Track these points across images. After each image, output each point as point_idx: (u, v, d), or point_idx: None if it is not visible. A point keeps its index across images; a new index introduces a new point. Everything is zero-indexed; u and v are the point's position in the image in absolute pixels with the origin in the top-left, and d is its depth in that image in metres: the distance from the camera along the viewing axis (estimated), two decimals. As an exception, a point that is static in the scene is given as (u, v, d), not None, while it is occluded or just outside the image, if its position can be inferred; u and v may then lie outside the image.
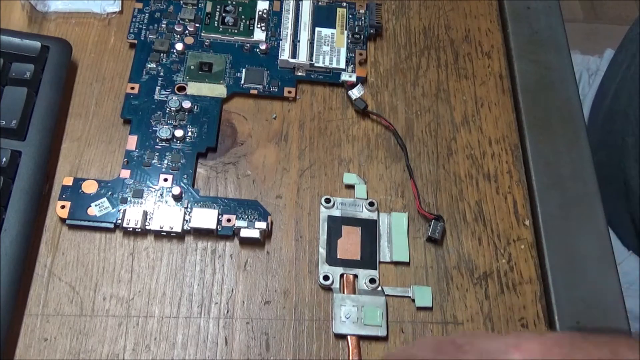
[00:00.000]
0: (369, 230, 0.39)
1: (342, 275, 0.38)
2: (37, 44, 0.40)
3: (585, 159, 0.43)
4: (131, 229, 0.37)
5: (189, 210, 0.38)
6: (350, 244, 0.38)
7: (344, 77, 0.44)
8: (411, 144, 0.43)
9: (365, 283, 0.37)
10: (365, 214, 0.39)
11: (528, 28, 0.49)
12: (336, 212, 0.39)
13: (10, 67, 0.39)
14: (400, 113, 0.44)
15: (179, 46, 0.44)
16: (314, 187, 0.40)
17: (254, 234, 0.37)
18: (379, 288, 0.37)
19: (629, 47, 0.69)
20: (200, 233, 0.38)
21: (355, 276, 0.38)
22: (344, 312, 0.36)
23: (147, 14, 0.45)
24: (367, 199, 0.40)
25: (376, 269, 0.38)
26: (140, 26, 0.44)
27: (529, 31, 0.48)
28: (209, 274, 0.37)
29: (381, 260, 0.38)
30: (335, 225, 0.39)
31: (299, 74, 0.44)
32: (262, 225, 0.38)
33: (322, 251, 0.38)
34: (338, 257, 0.38)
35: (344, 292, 0.37)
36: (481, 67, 0.46)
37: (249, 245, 0.38)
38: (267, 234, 0.38)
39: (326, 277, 0.37)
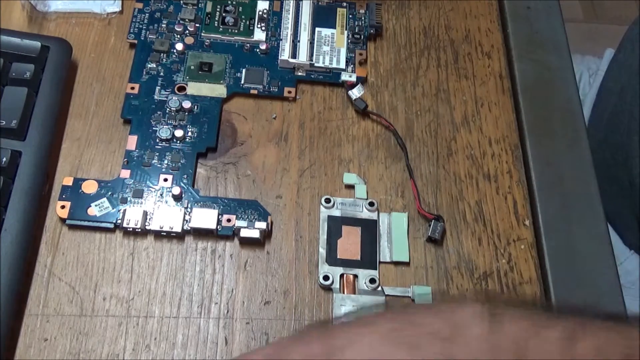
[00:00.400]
0: (369, 230, 0.39)
1: (342, 275, 0.37)
2: (37, 44, 0.40)
3: (585, 159, 0.43)
4: (131, 229, 0.37)
5: (189, 210, 0.38)
6: (350, 244, 0.38)
7: (344, 77, 0.44)
8: (411, 144, 0.43)
9: (365, 283, 0.37)
10: (365, 214, 0.39)
11: (528, 28, 0.49)
12: (336, 212, 0.39)
13: (10, 67, 0.39)
14: (400, 113, 0.44)
15: (179, 46, 0.44)
16: (314, 187, 0.40)
17: (254, 234, 0.37)
18: (379, 288, 0.37)
19: (629, 46, 0.69)
20: (200, 233, 0.38)
21: (355, 276, 0.38)
22: (344, 312, 0.36)
23: (147, 14, 0.45)
24: (367, 199, 0.40)
25: (376, 269, 0.38)
26: (141, 26, 0.44)
27: (529, 31, 0.48)
28: (209, 274, 0.37)
29: (381, 260, 0.38)
30: (335, 225, 0.39)
31: (299, 74, 0.44)
32: (262, 225, 0.38)
33: (322, 251, 0.38)
34: (338, 257, 0.38)
35: (344, 292, 0.37)
36: (481, 67, 0.46)
37: (249, 245, 0.38)
38: (267, 234, 0.38)
39: (326, 277, 0.37)
